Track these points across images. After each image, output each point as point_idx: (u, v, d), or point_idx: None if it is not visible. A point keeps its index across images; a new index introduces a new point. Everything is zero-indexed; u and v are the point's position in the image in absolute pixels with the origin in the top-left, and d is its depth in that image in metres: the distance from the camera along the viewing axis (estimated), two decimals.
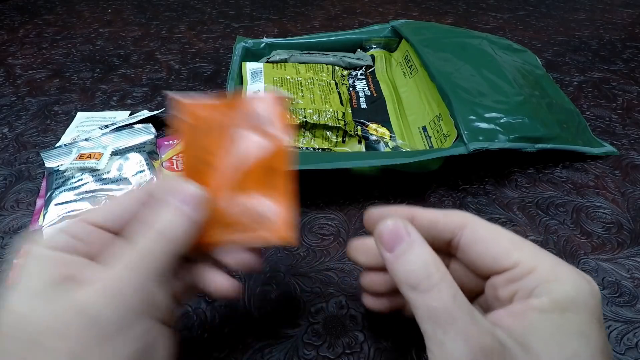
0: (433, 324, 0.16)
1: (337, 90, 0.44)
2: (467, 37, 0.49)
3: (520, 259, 0.17)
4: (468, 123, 0.35)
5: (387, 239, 0.18)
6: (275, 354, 0.25)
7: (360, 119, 0.42)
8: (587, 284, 0.16)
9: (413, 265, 0.17)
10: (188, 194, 0.19)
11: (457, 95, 0.37)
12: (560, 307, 0.15)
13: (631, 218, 0.34)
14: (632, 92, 0.51)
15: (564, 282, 0.16)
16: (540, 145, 0.36)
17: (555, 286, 0.16)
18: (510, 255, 0.17)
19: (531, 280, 0.16)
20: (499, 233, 0.18)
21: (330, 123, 0.39)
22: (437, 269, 0.16)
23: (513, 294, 0.17)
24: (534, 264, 0.17)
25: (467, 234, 0.19)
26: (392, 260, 0.17)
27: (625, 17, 0.74)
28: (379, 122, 0.41)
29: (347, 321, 0.27)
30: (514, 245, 0.18)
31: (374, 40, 0.52)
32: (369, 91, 0.46)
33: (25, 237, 0.33)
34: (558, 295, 0.16)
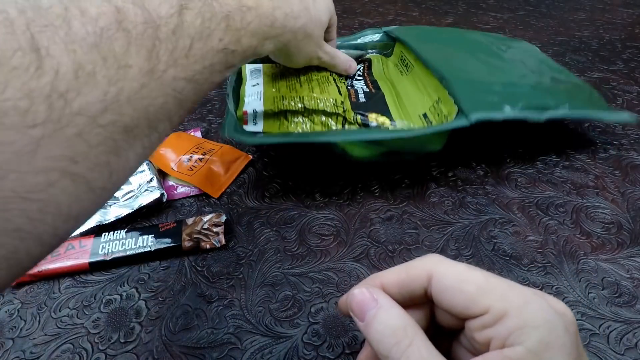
0: None
1: (335, 84, 0.44)
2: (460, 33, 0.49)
3: (489, 305, 0.17)
4: (468, 94, 0.34)
5: (356, 308, 0.18)
6: (275, 354, 0.25)
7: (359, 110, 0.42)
8: (560, 320, 0.16)
9: (381, 334, 0.17)
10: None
11: (453, 74, 0.36)
12: (535, 356, 0.15)
13: (631, 218, 0.34)
14: (632, 92, 0.51)
15: (537, 326, 0.16)
16: (549, 114, 0.34)
17: (528, 332, 0.15)
18: (478, 302, 0.17)
19: (503, 328, 0.16)
20: (464, 279, 0.18)
21: (329, 109, 0.38)
22: (405, 333, 0.16)
23: (489, 339, 0.17)
24: (504, 308, 0.16)
25: (434, 285, 0.18)
26: (365, 328, 0.17)
27: (625, 17, 0.74)
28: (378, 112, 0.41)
29: (347, 321, 0.27)
30: (480, 291, 0.17)
31: (370, 45, 0.53)
32: (367, 89, 0.46)
33: None
34: (532, 344, 0.15)
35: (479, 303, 0.17)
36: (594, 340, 0.25)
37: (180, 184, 0.37)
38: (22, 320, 0.27)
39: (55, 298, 0.29)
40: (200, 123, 0.47)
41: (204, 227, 0.32)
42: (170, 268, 0.31)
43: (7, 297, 0.29)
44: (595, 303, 0.27)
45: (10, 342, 0.26)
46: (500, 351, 0.16)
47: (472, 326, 0.17)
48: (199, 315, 0.27)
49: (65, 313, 0.28)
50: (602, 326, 0.26)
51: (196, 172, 0.37)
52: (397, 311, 0.17)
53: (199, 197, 0.37)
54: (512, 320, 0.16)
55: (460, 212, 0.34)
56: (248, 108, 0.38)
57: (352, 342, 0.26)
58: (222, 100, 0.51)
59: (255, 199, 0.36)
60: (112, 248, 0.31)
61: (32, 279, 0.30)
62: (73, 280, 0.30)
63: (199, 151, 0.39)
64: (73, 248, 0.31)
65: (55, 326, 0.27)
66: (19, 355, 0.25)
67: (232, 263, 0.31)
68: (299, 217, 0.34)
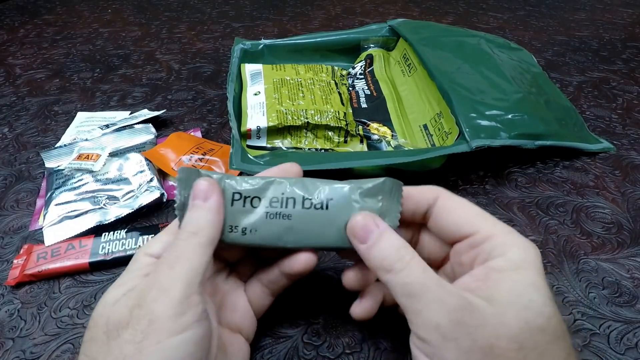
0: (409, 297, 0.18)
1: (337, 90, 0.44)
2: (465, 36, 0.49)
3: (480, 227, 0.20)
4: (469, 121, 0.35)
5: (359, 232, 0.20)
6: (275, 354, 0.25)
7: (361, 118, 0.42)
8: (533, 249, 0.19)
9: (386, 252, 0.19)
10: (198, 189, 0.20)
11: (457, 94, 0.37)
12: (514, 266, 0.18)
13: (631, 218, 0.34)
14: (632, 92, 0.51)
15: (516, 245, 0.19)
16: (540, 142, 0.36)
17: (509, 249, 0.19)
18: (471, 223, 0.20)
19: (488, 245, 0.19)
20: (465, 205, 0.21)
21: (332, 123, 0.39)
22: (406, 250, 0.19)
23: (474, 258, 0.20)
24: (492, 232, 0.19)
25: (439, 204, 0.21)
26: (366, 250, 0.20)
27: (625, 17, 0.74)
28: (380, 121, 0.41)
29: (347, 321, 0.27)
30: (475, 216, 0.20)
31: (372, 40, 0.52)
32: (369, 90, 0.46)
33: (26, 236, 0.33)
34: (513, 256, 0.18)
35: (472, 224, 0.20)
36: (594, 340, 0.25)
37: None
38: (22, 320, 0.27)
39: (56, 298, 0.29)
40: (201, 123, 0.47)
41: None
42: None
43: (7, 297, 0.29)
44: (596, 303, 0.27)
45: (10, 342, 0.26)
46: (484, 264, 0.19)
47: (460, 248, 0.21)
48: None
49: (65, 313, 0.28)
50: (603, 326, 0.26)
51: None
52: (396, 234, 0.20)
53: None
54: (497, 239, 0.19)
55: None
56: (252, 125, 0.38)
57: (352, 342, 0.26)
58: (222, 100, 0.51)
59: None
60: (112, 248, 0.31)
61: (32, 279, 0.30)
62: (73, 280, 0.30)
63: (199, 151, 0.39)
64: (73, 248, 0.31)
65: (55, 326, 0.27)
66: (19, 355, 0.25)
67: None
68: None
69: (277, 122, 0.38)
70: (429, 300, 0.17)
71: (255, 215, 0.21)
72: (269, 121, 0.38)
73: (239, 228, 0.21)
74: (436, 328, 0.17)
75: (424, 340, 0.17)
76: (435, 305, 0.17)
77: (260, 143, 0.39)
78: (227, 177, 0.22)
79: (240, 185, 0.21)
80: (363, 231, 0.20)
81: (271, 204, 0.21)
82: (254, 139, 0.39)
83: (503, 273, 0.18)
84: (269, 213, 0.21)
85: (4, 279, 0.30)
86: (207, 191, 0.20)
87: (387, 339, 0.26)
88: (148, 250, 0.20)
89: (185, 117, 0.48)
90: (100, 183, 0.36)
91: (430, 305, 0.17)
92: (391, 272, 0.18)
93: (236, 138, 0.35)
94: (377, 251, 0.19)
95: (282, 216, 0.21)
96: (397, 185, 0.21)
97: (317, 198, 0.21)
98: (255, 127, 0.38)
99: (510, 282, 0.18)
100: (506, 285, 0.18)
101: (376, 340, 0.26)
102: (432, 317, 0.17)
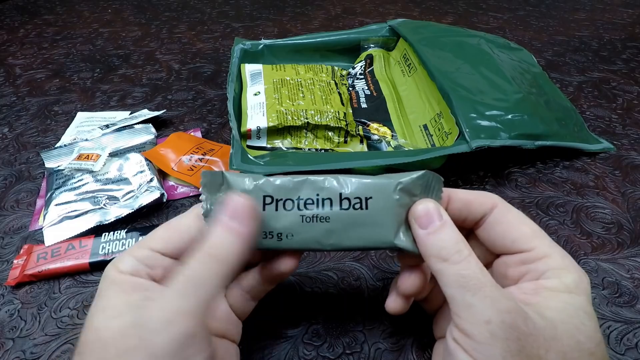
0: (462, 289, 0.17)
1: (337, 90, 0.44)
2: (465, 36, 0.49)
3: (536, 246, 0.20)
4: (469, 121, 0.35)
5: (423, 218, 0.20)
6: (275, 354, 0.25)
7: (361, 118, 0.42)
8: (586, 277, 0.19)
9: (445, 242, 0.19)
10: (233, 207, 0.18)
11: (457, 94, 0.37)
12: (567, 289, 0.18)
13: (631, 218, 0.34)
14: (632, 92, 0.51)
15: (572, 270, 0.19)
16: (540, 143, 0.36)
17: (564, 273, 0.19)
18: (529, 240, 0.20)
19: (543, 265, 0.19)
20: (524, 219, 0.21)
21: (332, 124, 0.39)
22: (465, 245, 0.19)
23: (523, 274, 0.20)
24: (548, 252, 0.19)
25: (496, 214, 0.21)
26: (425, 236, 0.19)
27: (625, 17, 0.74)
28: (380, 122, 0.42)
29: (347, 321, 0.27)
30: (534, 233, 0.20)
31: (372, 40, 0.52)
32: (369, 90, 0.46)
33: (26, 237, 0.33)
34: (567, 280, 0.18)
35: (530, 241, 0.20)
36: None
37: (180, 184, 0.37)
38: (22, 321, 0.27)
39: (56, 298, 0.29)
40: (201, 123, 0.47)
41: None
42: None
43: (7, 297, 0.29)
44: (596, 303, 0.27)
45: (10, 342, 0.26)
46: (535, 282, 0.19)
47: (508, 261, 0.21)
48: None
49: (65, 313, 0.28)
50: (603, 326, 0.26)
51: (196, 172, 0.37)
52: (458, 231, 0.19)
53: (199, 197, 0.37)
54: (553, 261, 0.19)
55: None
56: (252, 125, 0.38)
57: (352, 342, 0.26)
58: (222, 100, 0.51)
59: None
60: (113, 248, 0.31)
61: (32, 279, 0.30)
62: (73, 280, 0.30)
63: (199, 151, 0.39)
64: (73, 248, 0.31)
65: (55, 326, 0.27)
66: (19, 356, 0.25)
67: None
68: None
69: (277, 122, 0.38)
70: (484, 296, 0.17)
71: (289, 218, 0.20)
72: (269, 121, 0.38)
73: (274, 234, 0.20)
74: (487, 324, 0.16)
75: (468, 334, 0.17)
76: (489, 303, 0.17)
77: (261, 143, 0.39)
78: (254, 178, 0.20)
79: (270, 187, 0.20)
80: (426, 217, 0.19)
81: (306, 206, 0.20)
82: (254, 139, 0.39)
83: (555, 292, 0.18)
84: (304, 216, 0.20)
85: (4, 279, 0.30)
86: (242, 214, 0.18)
87: (387, 339, 0.26)
88: (120, 267, 0.19)
89: (185, 117, 0.48)
90: (100, 183, 0.36)
91: (484, 302, 0.17)
92: (448, 261, 0.18)
93: (236, 138, 0.35)
94: (437, 239, 0.19)
95: (319, 219, 0.20)
96: (437, 179, 0.21)
97: (354, 197, 0.20)
98: (255, 127, 0.38)
99: (562, 303, 0.18)
100: (558, 305, 0.18)
101: (376, 340, 0.26)
102: (484, 312, 0.16)
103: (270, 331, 0.26)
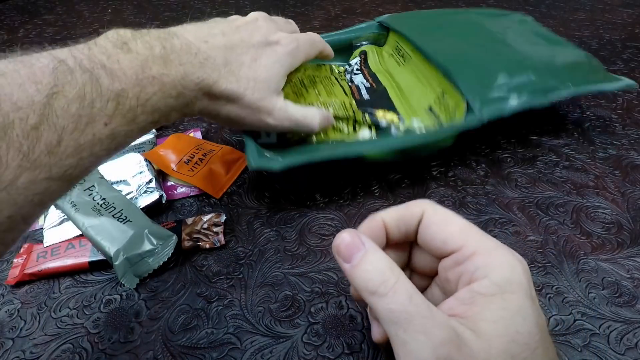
0: (394, 325, 0.17)
1: (339, 83, 0.44)
2: (452, 14, 0.49)
3: (465, 242, 0.19)
4: (476, 94, 0.34)
5: (344, 250, 0.19)
6: (275, 354, 0.25)
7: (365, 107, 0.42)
8: (520, 265, 0.18)
9: (370, 274, 0.18)
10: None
11: (458, 68, 0.37)
12: (500, 290, 0.17)
13: (631, 218, 0.34)
14: (632, 92, 0.51)
15: (500, 265, 0.18)
16: (553, 95, 0.35)
17: (493, 270, 0.18)
18: (455, 240, 0.19)
19: (472, 264, 0.18)
20: (450, 218, 0.20)
21: (340, 113, 0.38)
22: (392, 272, 0.18)
23: (459, 277, 0.19)
24: (475, 248, 0.19)
25: (425, 218, 0.20)
26: (351, 269, 0.18)
27: (625, 17, 0.74)
28: (385, 108, 0.41)
29: (347, 321, 0.27)
30: (460, 230, 0.20)
31: (363, 37, 0.53)
32: (368, 84, 0.46)
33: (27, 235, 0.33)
34: (496, 278, 0.18)
35: (456, 241, 0.19)
36: (594, 340, 0.25)
37: (180, 184, 0.37)
38: (22, 320, 0.27)
39: (55, 298, 0.29)
40: (200, 123, 0.47)
41: (203, 226, 0.32)
42: (170, 268, 0.31)
43: (7, 297, 0.29)
44: (596, 303, 0.27)
45: (10, 342, 0.26)
46: (469, 287, 0.18)
47: (446, 264, 0.20)
48: (199, 315, 0.27)
49: (65, 313, 0.28)
50: (602, 326, 0.26)
51: (197, 172, 0.37)
52: (382, 254, 0.19)
53: (199, 197, 0.37)
54: (480, 258, 0.18)
55: (461, 212, 0.34)
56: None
57: (352, 342, 0.26)
58: None
59: (255, 199, 0.36)
60: None
61: (32, 278, 0.30)
62: (73, 280, 0.30)
63: (199, 152, 0.39)
64: (73, 247, 0.31)
65: (55, 326, 0.27)
66: (19, 355, 0.25)
67: (232, 263, 0.31)
68: (299, 217, 0.34)
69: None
70: (415, 330, 0.16)
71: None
72: None
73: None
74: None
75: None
76: (422, 338, 0.16)
77: (271, 140, 0.37)
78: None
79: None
80: (347, 250, 0.19)
81: None
82: (264, 136, 0.37)
83: (488, 298, 0.17)
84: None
85: (4, 278, 0.30)
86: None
87: None
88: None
89: (185, 117, 0.48)
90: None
91: (416, 337, 0.16)
92: (375, 294, 0.17)
93: (248, 137, 0.34)
94: (361, 272, 0.18)
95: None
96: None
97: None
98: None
99: (498, 312, 0.17)
100: (493, 316, 0.17)
101: None
102: (418, 350, 0.16)
103: (271, 331, 0.26)
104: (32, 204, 0.17)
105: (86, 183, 0.34)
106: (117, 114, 0.20)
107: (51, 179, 0.17)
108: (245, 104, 0.27)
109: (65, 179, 0.18)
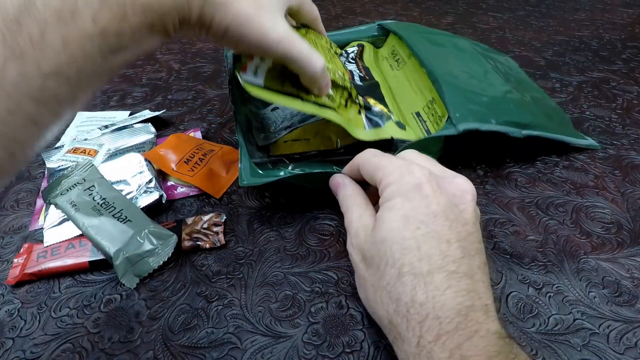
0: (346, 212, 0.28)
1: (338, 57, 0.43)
2: (451, 37, 0.50)
3: (380, 178, 0.25)
4: (457, 105, 0.35)
5: (333, 185, 0.30)
6: (275, 354, 0.25)
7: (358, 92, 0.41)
8: (416, 189, 0.23)
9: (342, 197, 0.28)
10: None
11: (446, 80, 0.37)
12: (388, 198, 0.24)
13: (631, 218, 0.34)
14: (632, 92, 0.51)
15: (395, 181, 0.24)
16: (527, 132, 0.36)
17: (388, 186, 0.24)
18: (375, 176, 0.26)
19: (382, 187, 0.25)
20: (374, 153, 0.27)
21: (339, 81, 0.35)
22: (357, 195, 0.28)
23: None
24: (385, 173, 0.25)
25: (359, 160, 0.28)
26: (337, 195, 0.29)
27: (625, 17, 0.74)
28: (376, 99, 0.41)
29: (347, 321, 0.27)
30: (378, 169, 0.26)
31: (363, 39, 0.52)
32: (362, 74, 0.46)
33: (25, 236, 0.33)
34: (387, 191, 0.24)
35: (376, 177, 0.25)
36: (593, 339, 0.25)
37: (180, 184, 0.37)
38: (22, 320, 0.27)
39: (56, 298, 0.29)
40: (200, 123, 0.47)
41: (203, 226, 0.32)
42: (170, 268, 0.31)
43: (7, 297, 0.29)
44: (596, 302, 0.27)
45: (10, 341, 0.26)
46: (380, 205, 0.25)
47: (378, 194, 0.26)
48: (199, 315, 0.27)
49: (65, 313, 0.28)
50: (602, 325, 0.26)
51: (197, 172, 0.37)
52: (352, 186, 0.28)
53: (199, 197, 0.37)
54: (385, 179, 0.25)
55: None
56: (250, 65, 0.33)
57: (352, 341, 0.26)
58: (222, 100, 0.51)
59: (255, 199, 0.36)
60: None
61: (32, 278, 0.30)
62: (73, 280, 0.30)
63: (199, 152, 0.39)
64: (73, 247, 0.31)
65: (55, 326, 0.27)
66: (19, 355, 0.25)
67: (232, 263, 0.31)
68: (299, 217, 0.34)
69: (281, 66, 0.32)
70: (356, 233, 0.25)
71: None
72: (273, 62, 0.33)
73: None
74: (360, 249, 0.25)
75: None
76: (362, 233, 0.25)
77: (256, 81, 0.32)
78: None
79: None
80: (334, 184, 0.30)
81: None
82: (250, 73, 0.32)
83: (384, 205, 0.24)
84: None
85: (4, 278, 0.30)
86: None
87: (387, 338, 0.26)
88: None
89: (185, 117, 0.48)
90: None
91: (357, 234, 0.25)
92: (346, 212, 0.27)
93: (244, 151, 0.33)
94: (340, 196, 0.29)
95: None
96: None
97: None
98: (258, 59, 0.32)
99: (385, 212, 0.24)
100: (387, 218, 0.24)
101: (376, 339, 0.26)
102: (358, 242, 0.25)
103: (271, 331, 0.26)
104: (33, 102, 0.17)
105: (86, 183, 0.34)
106: (104, 8, 0.19)
107: (44, 75, 0.17)
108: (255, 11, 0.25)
109: (62, 77, 0.18)
